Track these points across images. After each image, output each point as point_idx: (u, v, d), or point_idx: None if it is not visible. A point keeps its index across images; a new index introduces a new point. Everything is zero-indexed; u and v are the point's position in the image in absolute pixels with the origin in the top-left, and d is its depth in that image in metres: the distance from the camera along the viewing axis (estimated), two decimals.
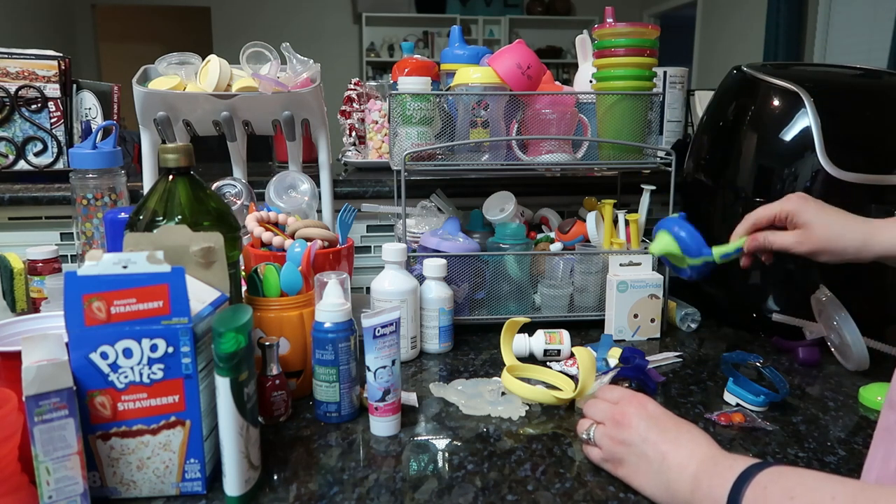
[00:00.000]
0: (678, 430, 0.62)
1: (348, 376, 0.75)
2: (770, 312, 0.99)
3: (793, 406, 0.80)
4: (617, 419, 0.65)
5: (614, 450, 0.64)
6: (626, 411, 0.65)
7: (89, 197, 1.02)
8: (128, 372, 0.58)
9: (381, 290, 0.91)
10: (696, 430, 0.62)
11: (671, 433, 0.61)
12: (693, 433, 0.61)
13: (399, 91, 1.03)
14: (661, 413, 0.64)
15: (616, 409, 0.66)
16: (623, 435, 0.63)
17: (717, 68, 5.14)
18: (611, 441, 0.64)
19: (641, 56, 1.01)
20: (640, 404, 0.65)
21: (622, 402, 0.66)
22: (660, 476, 0.60)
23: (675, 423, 0.63)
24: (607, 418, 0.66)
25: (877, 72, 1.06)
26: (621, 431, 0.64)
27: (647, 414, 0.64)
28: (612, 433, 0.64)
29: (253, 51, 1.08)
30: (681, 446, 0.60)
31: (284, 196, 1.11)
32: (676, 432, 0.61)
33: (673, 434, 0.61)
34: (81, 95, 1.32)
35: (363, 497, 0.62)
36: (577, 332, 1.01)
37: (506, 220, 1.08)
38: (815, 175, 0.92)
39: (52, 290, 0.93)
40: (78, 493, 0.55)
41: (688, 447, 0.59)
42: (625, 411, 0.65)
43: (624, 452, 0.63)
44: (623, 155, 1.05)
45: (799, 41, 4.23)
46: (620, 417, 0.64)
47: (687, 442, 0.60)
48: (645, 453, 0.61)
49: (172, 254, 0.66)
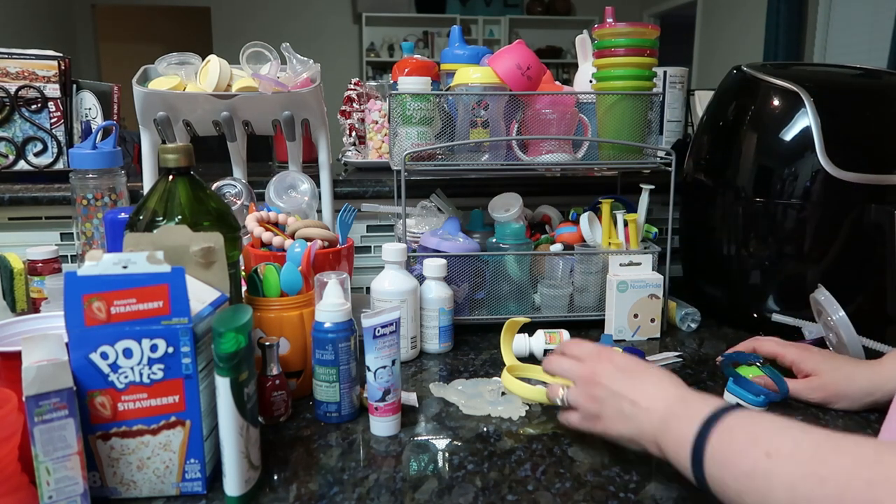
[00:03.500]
0: (646, 375, 0.65)
1: (348, 376, 0.75)
2: (770, 312, 0.99)
3: (793, 406, 0.80)
4: (587, 378, 0.67)
5: (589, 407, 0.66)
6: (595, 369, 0.67)
7: (89, 197, 1.02)
8: (128, 372, 0.58)
9: (381, 290, 0.91)
10: (664, 372, 0.65)
11: (639, 379, 0.64)
12: (660, 376, 0.64)
13: (399, 91, 1.03)
14: (628, 362, 0.67)
15: (585, 368, 0.68)
16: (595, 391, 0.66)
17: (717, 68, 5.14)
18: (585, 399, 0.66)
19: (641, 56, 1.01)
20: (607, 359, 0.67)
21: (589, 360, 0.68)
22: (632, 421, 0.62)
23: (642, 368, 0.66)
24: (577, 378, 0.68)
25: (877, 72, 1.06)
26: (593, 388, 0.66)
27: (614, 367, 0.66)
28: (585, 391, 0.67)
29: (253, 51, 1.08)
30: (648, 390, 0.63)
31: (284, 196, 1.11)
32: (644, 377, 0.64)
33: (640, 380, 0.64)
34: (81, 95, 1.32)
35: (363, 497, 0.62)
36: (577, 332, 1.01)
37: (510, 219, 1.08)
38: (815, 175, 0.92)
39: (52, 290, 0.93)
40: (78, 494, 0.55)
41: (655, 389, 0.62)
42: (594, 369, 0.67)
43: (599, 408, 0.65)
44: (623, 155, 1.05)
45: (799, 41, 4.23)
46: (590, 375, 0.67)
47: (654, 384, 0.63)
48: (618, 405, 0.64)
49: (172, 254, 0.66)
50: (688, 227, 1.15)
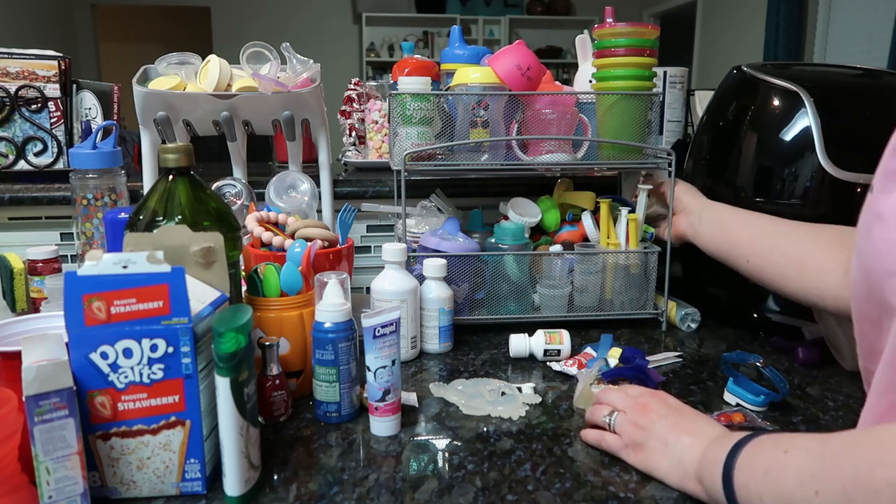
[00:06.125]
0: (696, 418, 0.66)
1: (348, 376, 0.75)
2: (770, 312, 0.99)
3: (793, 406, 0.80)
4: (639, 407, 0.68)
5: (635, 435, 0.66)
6: (647, 402, 0.69)
7: (89, 197, 1.02)
8: (128, 372, 0.58)
9: (381, 290, 0.91)
10: (713, 420, 0.67)
11: (688, 418, 0.66)
12: (710, 422, 0.66)
13: (399, 91, 1.03)
14: (680, 404, 0.69)
15: (638, 400, 0.70)
16: (643, 421, 0.67)
17: (717, 68, 5.14)
18: (633, 426, 0.67)
19: (641, 56, 1.01)
20: (661, 397, 0.70)
21: (643, 395, 0.70)
22: (674, 454, 0.63)
23: (693, 413, 0.68)
24: (629, 407, 0.69)
25: (877, 72, 1.06)
26: (644, 417, 0.67)
27: (667, 404, 0.68)
28: (635, 419, 0.67)
29: (253, 51, 1.08)
30: (696, 427, 0.64)
31: (284, 196, 1.11)
32: (694, 419, 0.66)
33: (691, 420, 0.66)
34: (81, 95, 1.32)
35: (363, 497, 0.62)
36: (577, 331, 1.01)
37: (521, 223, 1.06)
38: (815, 175, 0.92)
39: (52, 290, 0.93)
40: (78, 493, 0.55)
41: (703, 429, 0.64)
42: (646, 402, 0.69)
43: (644, 437, 0.66)
44: (623, 155, 1.05)
45: (799, 41, 4.24)
46: (643, 406, 0.68)
47: (703, 425, 0.65)
48: (664, 437, 0.65)
49: (172, 254, 0.66)
50: None
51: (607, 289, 1.05)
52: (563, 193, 1.18)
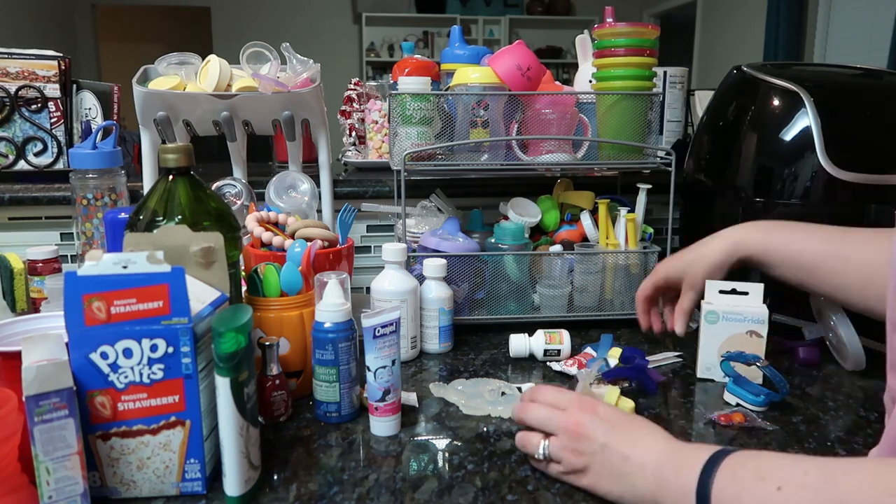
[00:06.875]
0: (634, 428, 0.61)
1: (348, 376, 0.75)
2: (770, 312, 0.99)
3: (793, 406, 0.80)
4: (572, 430, 0.62)
5: (575, 461, 0.61)
6: (580, 420, 0.62)
7: (89, 197, 1.02)
8: (128, 372, 0.58)
9: (381, 290, 0.91)
10: (652, 425, 0.62)
11: (628, 433, 0.61)
12: (649, 429, 0.61)
13: (399, 91, 1.03)
14: (614, 414, 0.63)
15: (569, 419, 0.63)
16: (582, 445, 0.61)
17: (717, 68, 5.14)
18: (570, 453, 0.61)
19: (641, 56, 1.01)
20: (591, 410, 0.63)
21: (571, 409, 0.64)
22: (624, 479, 0.58)
23: (629, 421, 0.62)
24: (560, 430, 0.63)
25: (877, 72, 1.06)
26: (579, 442, 0.61)
27: (600, 418, 0.62)
28: (571, 445, 0.62)
29: (253, 51, 1.08)
30: (639, 444, 0.59)
31: (284, 196, 1.11)
32: (633, 431, 0.61)
33: (630, 434, 0.60)
34: (81, 95, 1.32)
35: (363, 497, 0.62)
36: (577, 331, 1.01)
37: (521, 223, 1.06)
38: (815, 175, 0.92)
39: (52, 290, 0.93)
40: (78, 493, 0.55)
41: (645, 443, 0.59)
42: (579, 420, 0.62)
43: (585, 462, 0.61)
44: (623, 155, 1.05)
45: (799, 41, 4.24)
46: (575, 427, 0.62)
47: (644, 438, 0.60)
48: (607, 459, 0.59)
49: (172, 254, 0.66)
50: (688, 227, 1.15)
51: (607, 289, 1.06)
52: (563, 193, 1.18)
